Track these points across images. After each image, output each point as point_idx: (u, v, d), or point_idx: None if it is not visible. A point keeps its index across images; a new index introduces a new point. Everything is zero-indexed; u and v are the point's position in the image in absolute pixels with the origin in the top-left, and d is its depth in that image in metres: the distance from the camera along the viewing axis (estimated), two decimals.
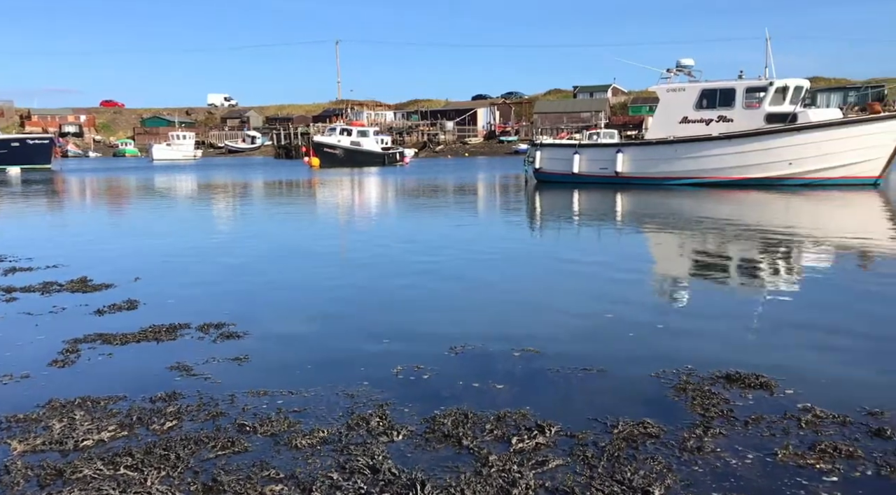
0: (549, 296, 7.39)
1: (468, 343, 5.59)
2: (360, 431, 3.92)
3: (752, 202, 18.63)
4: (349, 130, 54.93)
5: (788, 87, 22.30)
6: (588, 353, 5.33)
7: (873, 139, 21.01)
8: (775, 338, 5.72)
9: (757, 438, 3.80)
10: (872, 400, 4.25)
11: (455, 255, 10.17)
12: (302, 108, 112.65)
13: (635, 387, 4.64)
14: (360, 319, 6.50)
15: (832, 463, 3.48)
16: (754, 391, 4.50)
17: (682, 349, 5.41)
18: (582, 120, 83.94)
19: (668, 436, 3.83)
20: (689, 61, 24.42)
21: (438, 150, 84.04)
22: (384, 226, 15.08)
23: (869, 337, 5.67)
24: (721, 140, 22.54)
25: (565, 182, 25.97)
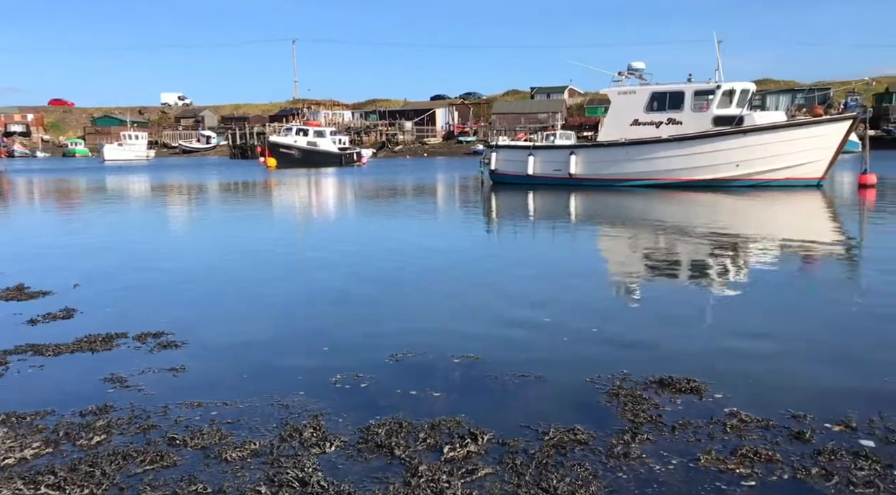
0: (494, 301, 7.43)
1: (409, 350, 5.60)
2: (292, 443, 3.90)
3: (701, 203, 19.05)
4: (305, 130, 54.47)
5: (735, 90, 22.83)
6: (527, 359, 5.38)
7: (816, 141, 21.66)
8: (710, 341, 5.85)
9: (682, 443, 3.90)
10: (797, 404, 4.39)
11: (405, 260, 10.18)
12: (258, 108, 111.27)
13: (570, 393, 4.70)
14: (303, 326, 6.46)
15: (751, 468, 3.58)
16: (684, 395, 4.61)
17: (620, 353, 5.51)
18: (539, 121, 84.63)
19: (597, 443, 3.90)
20: (640, 64, 24.83)
21: (397, 150, 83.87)
22: (334, 230, 15.00)
23: (801, 340, 5.84)
24: (670, 142, 22.98)
25: (520, 183, 26.18)
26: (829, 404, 4.39)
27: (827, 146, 21.59)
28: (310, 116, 75.16)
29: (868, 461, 3.59)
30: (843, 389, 4.66)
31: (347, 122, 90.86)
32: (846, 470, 3.51)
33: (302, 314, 6.97)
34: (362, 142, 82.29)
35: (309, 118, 71.08)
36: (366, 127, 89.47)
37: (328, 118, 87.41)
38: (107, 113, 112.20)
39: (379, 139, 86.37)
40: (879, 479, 3.42)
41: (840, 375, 4.93)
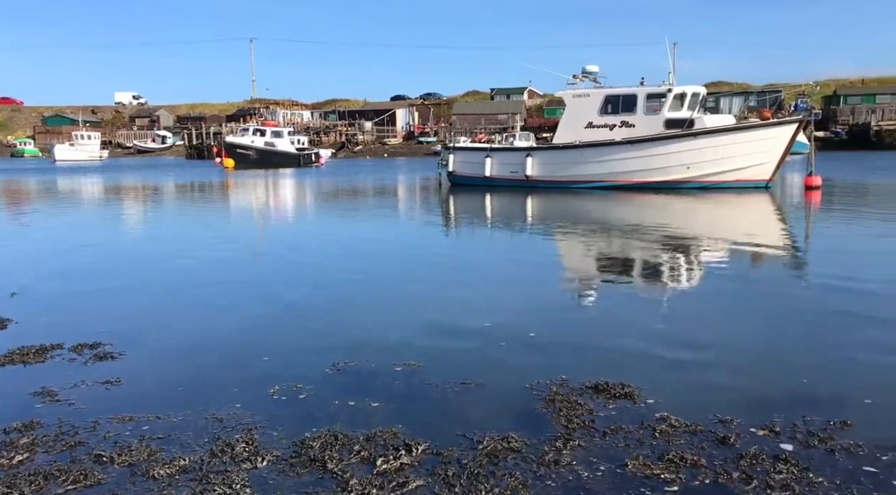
0: (441, 306, 7.46)
1: (352, 358, 5.59)
2: (223, 458, 3.87)
3: (653, 204, 19.37)
4: (263, 131, 53.89)
5: (686, 94, 23.27)
6: (469, 366, 5.41)
7: (763, 144, 22.19)
8: (649, 345, 5.95)
9: (612, 449, 3.97)
10: (726, 409, 4.50)
11: (355, 264, 10.15)
12: (215, 107, 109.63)
13: (508, 400, 4.75)
14: (245, 335, 6.38)
15: (676, 473, 3.67)
16: (618, 401, 4.69)
17: (560, 359, 5.57)
18: (499, 122, 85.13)
19: (530, 451, 3.95)
20: (594, 68, 25.14)
21: (357, 151, 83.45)
22: (285, 234, 14.87)
23: (736, 344, 5.98)
24: (624, 145, 23.33)
25: (478, 185, 26.31)
26: (757, 409, 4.51)
27: (774, 149, 22.15)
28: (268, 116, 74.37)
29: (787, 464, 3.70)
30: (773, 393, 4.79)
31: (306, 122, 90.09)
32: (765, 474, 3.62)
33: (246, 323, 6.88)
34: (322, 142, 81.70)
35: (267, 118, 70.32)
36: (325, 127, 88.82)
37: (287, 118, 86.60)
38: (58, 112, 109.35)
39: (339, 139, 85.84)
40: (795, 482, 3.53)
41: (771, 379, 5.07)
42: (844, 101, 76.36)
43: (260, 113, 71.31)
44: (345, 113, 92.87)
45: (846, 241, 11.83)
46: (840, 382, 4.95)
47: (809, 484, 3.52)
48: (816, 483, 3.52)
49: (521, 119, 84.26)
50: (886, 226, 13.75)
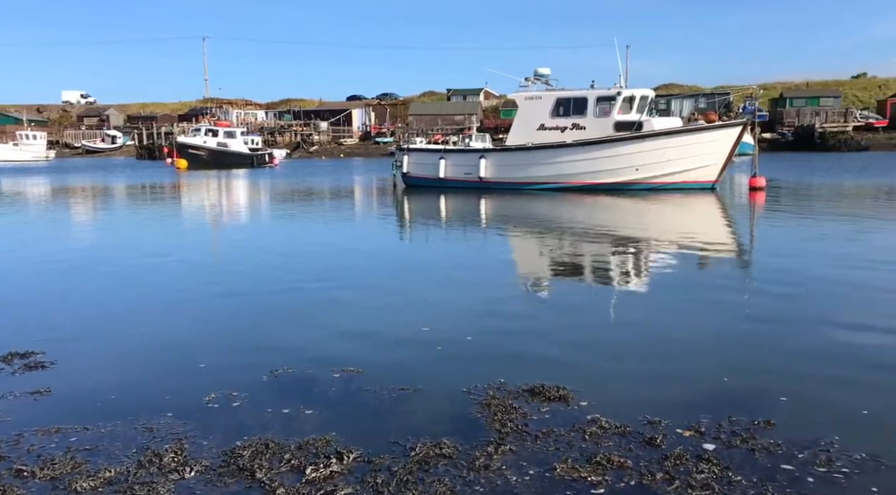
0: (382, 309, 7.45)
1: (290, 365, 5.55)
2: (150, 469, 3.81)
3: (603, 206, 19.67)
4: (215, 131, 53.02)
5: (635, 97, 23.67)
6: (409, 371, 5.43)
7: (709, 146, 22.70)
8: (586, 347, 6.05)
9: (542, 453, 4.03)
10: (657, 410, 4.59)
11: (300, 266, 10.08)
12: (167, 107, 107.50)
13: (445, 406, 4.78)
14: (181, 343, 6.29)
15: (602, 475, 3.74)
16: (552, 404, 4.76)
17: (500, 363, 5.62)
18: (456, 122, 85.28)
19: (461, 456, 3.98)
20: (546, 70, 25.41)
21: (313, 151, 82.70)
22: (231, 236, 14.68)
23: (673, 344, 6.10)
24: (575, 147, 23.61)
25: (432, 186, 26.34)
26: (687, 410, 4.62)
27: (719, 151, 22.67)
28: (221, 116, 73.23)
29: (708, 464, 3.81)
30: (705, 394, 4.91)
31: (261, 122, 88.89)
32: (687, 474, 3.72)
33: (184, 330, 6.78)
34: (276, 142, 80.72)
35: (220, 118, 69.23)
36: (280, 127, 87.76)
37: (241, 118, 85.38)
38: (1, 111, 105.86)
39: (294, 139, 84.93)
40: (715, 481, 3.63)
41: (705, 381, 5.19)
42: (790, 103, 78.55)
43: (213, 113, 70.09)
44: (300, 113, 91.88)
45: (787, 242, 12.18)
46: (770, 382, 5.09)
47: (729, 482, 3.63)
48: (735, 481, 3.64)
49: (477, 120, 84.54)
50: (826, 226, 14.20)
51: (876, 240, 12.34)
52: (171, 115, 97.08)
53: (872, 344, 5.96)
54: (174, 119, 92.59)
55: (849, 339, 6.10)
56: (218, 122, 57.73)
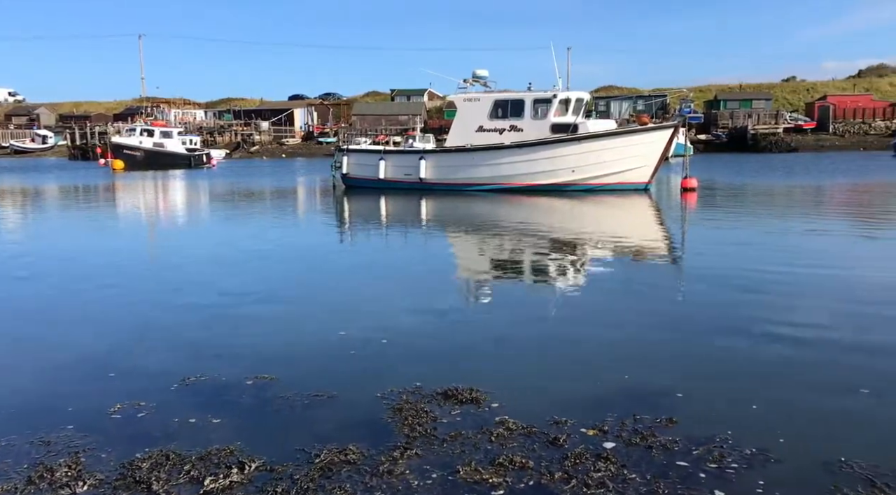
0: (301, 314, 7.39)
1: (203, 372, 5.46)
2: (40, 485, 3.70)
3: (541, 206, 19.92)
4: (151, 131, 51.70)
5: (571, 99, 24.06)
6: (324, 377, 5.39)
7: (642, 148, 23.24)
8: (505, 348, 6.10)
9: (448, 456, 4.06)
10: (565, 410, 4.67)
11: (220, 272, 9.91)
12: (101, 106, 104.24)
13: (357, 411, 4.76)
14: (91, 351, 6.10)
15: (503, 476, 3.79)
16: (464, 406, 4.80)
17: (416, 366, 5.63)
18: (400, 123, 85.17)
19: (366, 462, 3.98)
20: (484, 72, 25.62)
21: (254, 151, 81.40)
22: (157, 238, 14.34)
23: (590, 345, 6.21)
24: (513, 148, 23.86)
25: (372, 187, 26.24)
26: (594, 409, 4.72)
27: (652, 152, 23.23)
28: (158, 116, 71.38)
29: (606, 462, 3.91)
30: (614, 393, 5.02)
31: (200, 122, 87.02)
32: (585, 473, 3.80)
33: (95, 337, 6.57)
34: (216, 142, 79.21)
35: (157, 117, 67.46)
36: (220, 127, 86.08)
37: (179, 117, 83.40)
38: None
39: (234, 139, 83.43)
40: (610, 479, 3.73)
41: (617, 379, 5.29)
42: (724, 105, 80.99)
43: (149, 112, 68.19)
44: (240, 112, 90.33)
45: (713, 243, 12.54)
46: (676, 381, 5.22)
47: (623, 480, 3.72)
48: (630, 479, 3.73)
49: (421, 120, 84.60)
50: (752, 227, 14.70)
51: (797, 241, 12.82)
52: (106, 115, 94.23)
53: (778, 344, 6.19)
54: (109, 118, 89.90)
55: (758, 340, 6.31)
56: (154, 122, 56.22)
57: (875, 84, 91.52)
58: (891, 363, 5.55)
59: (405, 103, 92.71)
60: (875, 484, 3.61)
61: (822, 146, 74.50)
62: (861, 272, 9.39)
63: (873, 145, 72.94)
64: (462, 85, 25.70)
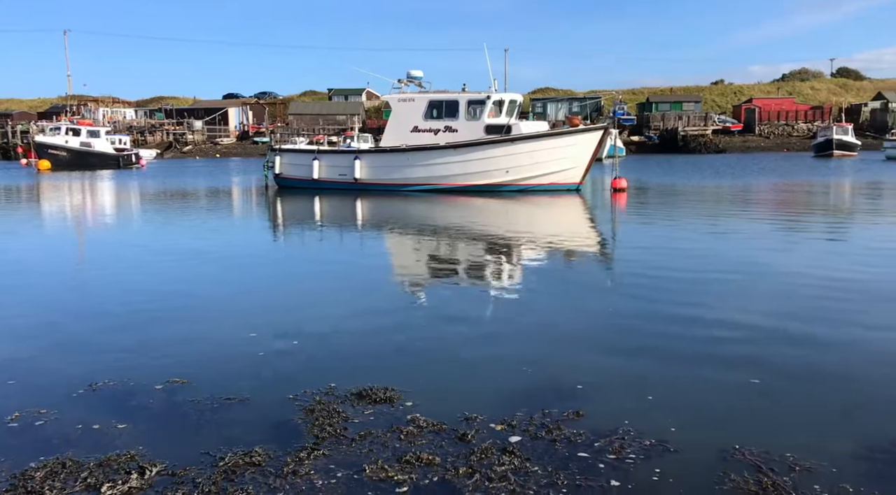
0: (217, 315, 7.26)
1: (111, 378, 5.31)
2: None
3: (475, 207, 20.08)
4: (77, 130, 49.94)
5: (504, 101, 24.36)
6: (238, 380, 5.32)
7: (574, 150, 23.71)
8: (424, 345, 6.12)
9: (355, 455, 4.07)
10: (477, 406, 4.72)
11: (132, 274, 9.66)
12: (24, 104, 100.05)
13: (268, 414, 4.72)
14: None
15: (409, 474, 3.82)
16: (377, 405, 4.81)
17: (333, 366, 5.62)
18: (338, 122, 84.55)
19: (271, 463, 3.95)
20: (419, 73, 25.70)
21: (186, 151, 79.55)
22: (73, 241, 13.87)
23: (510, 342, 6.29)
24: (447, 149, 24.00)
25: (306, 188, 25.99)
26: (505, 404, 4.79)
27: (583, 154, 23.71)
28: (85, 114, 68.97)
29: (510, 456, 3.98)
30: (525, 387, 5.10)
31: (130, 121, 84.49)
32: (489, 467, 3.86)
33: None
34: (147, 142, 77.10)
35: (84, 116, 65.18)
36: (151, 126, 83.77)
37: (108, 116, 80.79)
38: None
39: (166, 139, 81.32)
40: (513, 473, 3.80)
41: (527, 374, 5.38)
42: (656, 107, 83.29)
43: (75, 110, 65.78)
44: (172, 111, 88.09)
45: (639, 241, 12.90)
46: (592, 375, 5.33)
47: (525, 473, 3.80)
48: (532, 472, 3.82)
49: (359, 120, 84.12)
50: (678, 226, 15.16)
51: (715, 240, 13.29)
52: (30, 113, 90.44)
53: (685, 339, 6.40)
54: (32, 117, 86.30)
55: (669, 335, 6.51)
56: (80, 121, 54.29)
57: (797, 88, 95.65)
58: (779, 353, 5.80)
59: (343, 103, 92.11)
60: (762, 469, 3.79)
61: (749, 147, 77.41)
62: (772, 269, 9.79)
63: (796, 146, 76.22)
64: (396, 85, 25.74)
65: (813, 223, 15.34)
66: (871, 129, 77.31)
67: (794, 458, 3.90)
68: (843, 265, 9.85)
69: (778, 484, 3.63)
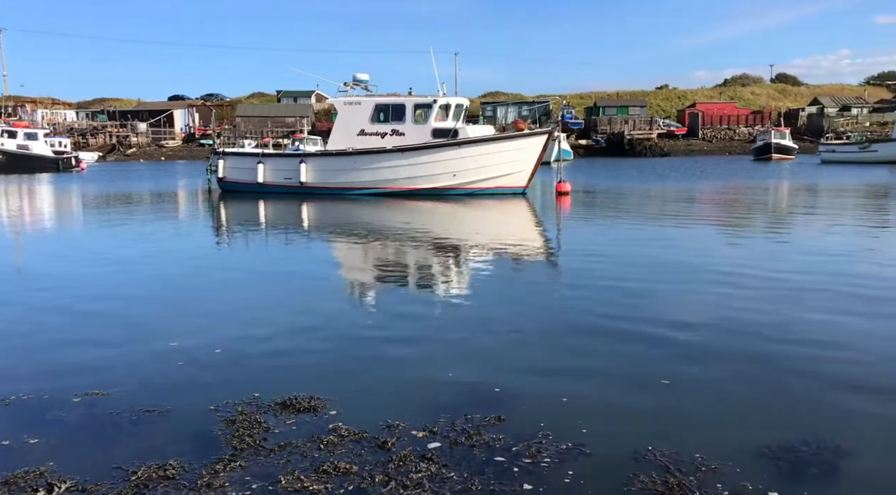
0: (144, 325, 7.13)
1: (25, 391, 5.16)
2: None
3: (423, 211, 20.11)
4: (13, 132, 48.34)
5: (451, 105, 24.48)
6: (159, 391, 5.23)
7: (519, 154, 23.95)
8: (353, 350, 6.11)
9: (272, 466, 4.04)
10: (401, 414, 4.73)
11: (66, 282, 9.40)
12: None
13: (189, 425, 4.65)
14: None
15: (325, 483, 3.82)
16: (300, 415, 4.79)
17: (257, 376, 5.55)
18: (287, 125, 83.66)
19: (186, 476, 3.90)
20: (364, 76, 25.67)
21: (130, 154, 77.69)
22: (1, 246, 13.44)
23: (440, 347, 6.32)
24: (394, 152, 24.00)
25: (251, 192, 25.65)
26: (429, 411, 4.80)
27: (528, 158, 23.97)
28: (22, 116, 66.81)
29: (428, 463, 4.01)
30: (452, 393, 5.12)
31: (70, 123, 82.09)
32: (406, 474, 3.89)
33: None
34: (88, 144, 75.01)
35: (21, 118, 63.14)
36: (93, 128, 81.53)
37: (47, 118, 78.41)
38: None
39: (109, 141, 79.27)
40: (429, 479, 3.83)
41: (454, 379, 5.41)
42: (603, 112, 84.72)
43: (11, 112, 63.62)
44: (115, 113, 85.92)
45: (578, 244, 13.10)
46: (514, 378, 5.39)
47: (441, 479, 3.84)
48: (447, 478, 3.85)
49: (309, 123, 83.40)
50: (618, 227, 15.44)
51: (651, 243, 13.58)
52: None
53: (609, 340, 6.54)
54: None
55: (597, 337, 6.64)
56: (16, 123, 52.55)
57: (739, 93, 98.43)
58: (688, 355, 5.97)
59: (292, 105, 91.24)
60: (670, 469, 3.90)
61: (693, 151, 79.36)
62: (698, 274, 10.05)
63: (737, 150, 78.45)
64: (342, 88, 25.62)
65: (746, 226, 15.82)
66: (808, 134, 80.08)
67: (702, 458, 4.03)
68: (765, 266, 10.17)
69: (683, 483, 3.74)
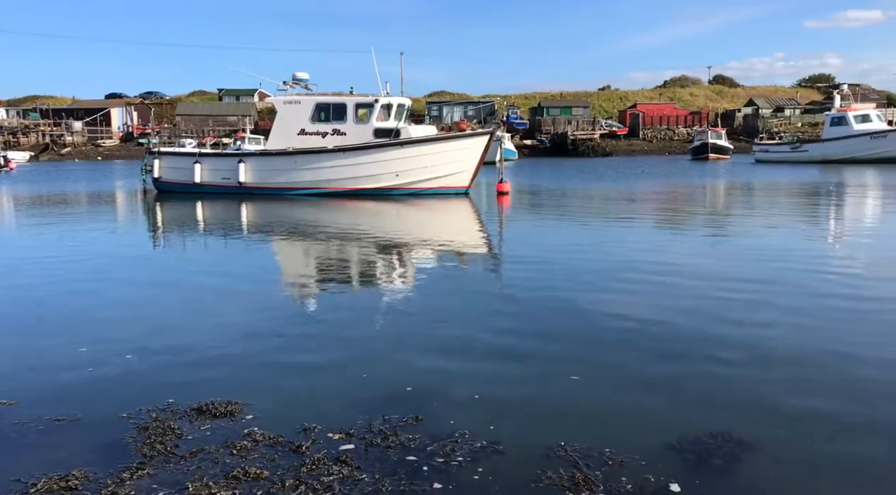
0: (58, 332, 6.91)
1: None
2: None
3: (366, 211, 20.00)
4: None
5: (392, 105, 24.42)
6: (70, 399, 5.07)
7: (462, 154, 24.05)
8: (275, 354, 6.04)
9: (182, 473, 3.97)
10: (321, 417, 4.67)
11: None
12: None
13: (100, 434, 4.52)
14: None
15: (233, 489, 3.77)
16: (216, 420, 4.71)
17: (173, 381, 5.44)
18: (229, 123, 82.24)
19: (89, 486, 3.80)
20: (305, 75, 25.41)
21: (65, 153, 75.15)
22: None
23: (371, 348, 6.28)
24: (336, 152, 23.82)
25: (188, 192, 25.12)
26: (348, 412, 4.76)
27: (470, 158, 24.08)
28: None
29: (341, 465, 3.99)
30: (373, 394, 5.11)
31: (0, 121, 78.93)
32: (317, 478, 3.86)
33: None
34: (20, 144, 72.27)
35: None
36: (24, 127, 78.58)
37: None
38: None
39: (41, 140, 76.52)
40: (340, 481, 3.81)
41: (375, 380, 5.39)
42: (547, 112, 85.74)
43: None
44: (48, 111, 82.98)
45: (515, 243, 13.23)
46: (434, 378, 5.41)
47: (353, 481, 3.83)
48: (359, 480, 3.84)
49: (251, 121, 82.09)
50: (553, 226, 15.65)
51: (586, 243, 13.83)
52: None
53: (531, 339, 6.62)
54: None
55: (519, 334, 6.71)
56: None
57: (678, 93, 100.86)
58: (596, 350, 6.11)
59: (234, 103, 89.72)
60: (578, 464, 3.98)
61: (634, 151, 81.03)
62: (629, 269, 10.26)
63: (677, 150, 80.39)
64: (282, 87, 25.32)
65: (675, 223, 16.23)
66: (744, 134, 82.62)
67: (611, 453, 4.12)
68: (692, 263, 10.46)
69: (590, 478, 3.82)
